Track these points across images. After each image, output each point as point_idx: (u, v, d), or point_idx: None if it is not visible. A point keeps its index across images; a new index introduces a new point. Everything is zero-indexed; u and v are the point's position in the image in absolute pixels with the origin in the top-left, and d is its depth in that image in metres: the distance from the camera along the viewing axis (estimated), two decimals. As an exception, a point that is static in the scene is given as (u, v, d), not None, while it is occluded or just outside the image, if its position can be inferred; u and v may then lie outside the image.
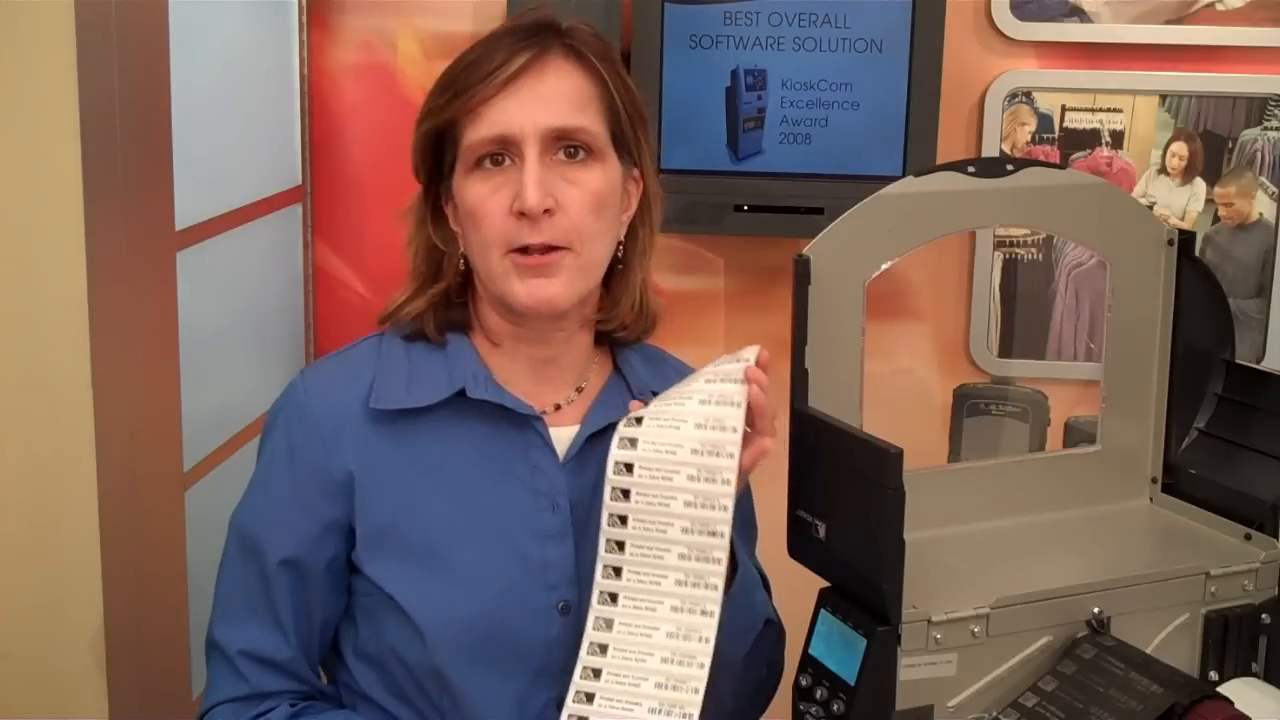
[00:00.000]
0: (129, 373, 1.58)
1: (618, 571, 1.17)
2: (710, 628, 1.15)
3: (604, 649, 1.16)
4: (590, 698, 1.15)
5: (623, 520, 1.17)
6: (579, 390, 1.32)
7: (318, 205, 2.32)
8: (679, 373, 1.37)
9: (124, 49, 1.54)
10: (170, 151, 1.69)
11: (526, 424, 1.27)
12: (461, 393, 1.26)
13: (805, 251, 1.26)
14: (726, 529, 1.15)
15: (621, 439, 1.17)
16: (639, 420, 1.18)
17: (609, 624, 1.17)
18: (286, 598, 1.26)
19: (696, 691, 1.14)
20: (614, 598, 1.17)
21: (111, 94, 1.52)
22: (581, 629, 1.21)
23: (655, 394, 1.26)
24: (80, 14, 1.44)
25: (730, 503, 1.15)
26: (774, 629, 1.38)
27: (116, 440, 1.55)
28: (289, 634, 1.26)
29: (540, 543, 1.26)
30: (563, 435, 1.29)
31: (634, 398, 1.29)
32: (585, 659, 1.17)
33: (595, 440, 1.28)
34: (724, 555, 1.15)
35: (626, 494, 1.16)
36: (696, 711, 1.14)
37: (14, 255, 1.48)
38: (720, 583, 1.15)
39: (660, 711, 1.14)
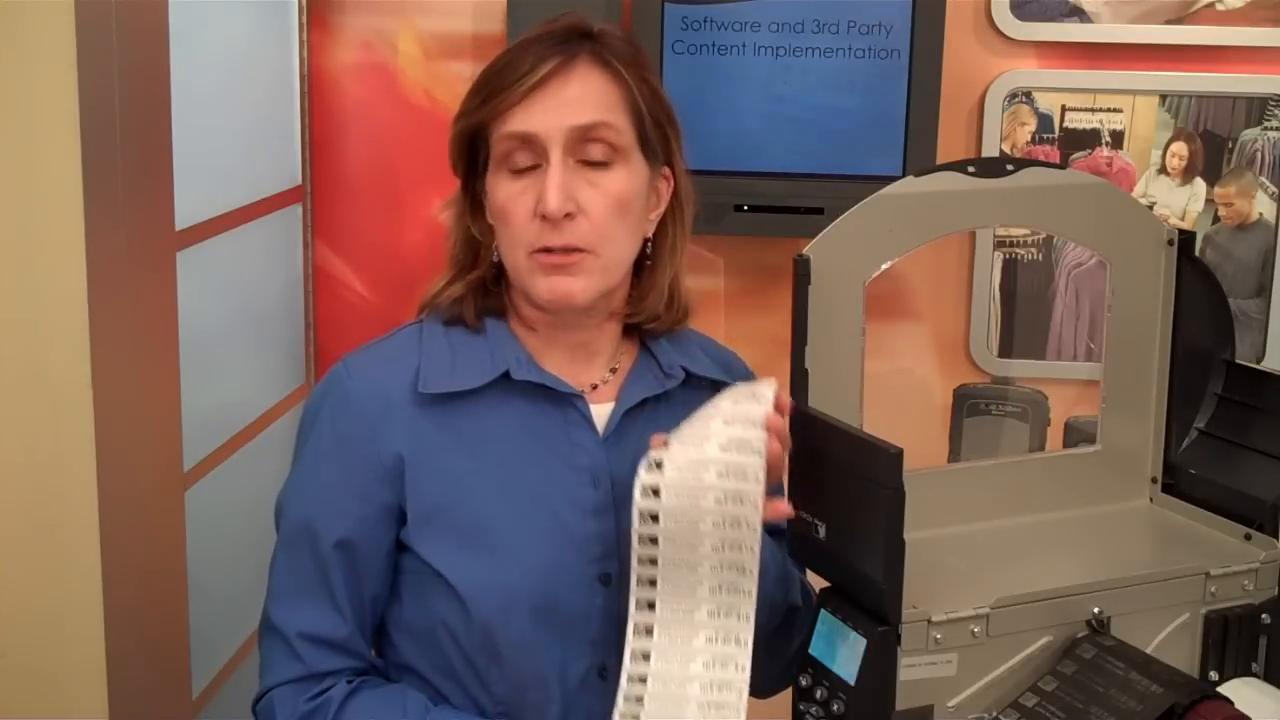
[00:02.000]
0: (129, 373, 1.58)
1: (651, 605, 1.19)
2: (745, 656, 1.18)
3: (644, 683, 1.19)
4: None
5: (653, 562, 1.18)
6: (612, 371, 1.36)
7: (318, 205, 2.32)
8: (703, 349, 1.41)
9: (124, 49, 1.53)
10: (170, 151, 1.69)
11: (567, 402, 1.31)
12: (505, 375, 1.30)
13: (805, 251, 1.26)
14: (754, 566, 1.16)
15: (643, 488, 1.17)
16: (659, 465, 1.17)
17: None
18: (341, 578, 1.29)
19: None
20: (650, 630, 1.19)
21: (111, 94, 1.52)
22: (622, 598, 1.26)
23: (687, 375, 1.34)
24: (80, 14, 1.44)
25: (756, 546, 1.16)
26: (801, 611, 1.39)
27: (116, 440, 1.55)
28: (345, 613, 1.29)
29: (583, 517, 1.29)
30: (600, 412, 1.33)
31: (664, 373, 1.35)
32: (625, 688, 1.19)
33: (632, 415, 1.33)
34: (753, 589, 1.17)
35: (655, 540, 1.17)
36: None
37: (14, 255, 1.48)
38: (751, 614, 1.17)
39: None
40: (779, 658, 1.37)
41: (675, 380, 1.35)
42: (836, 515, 1.21)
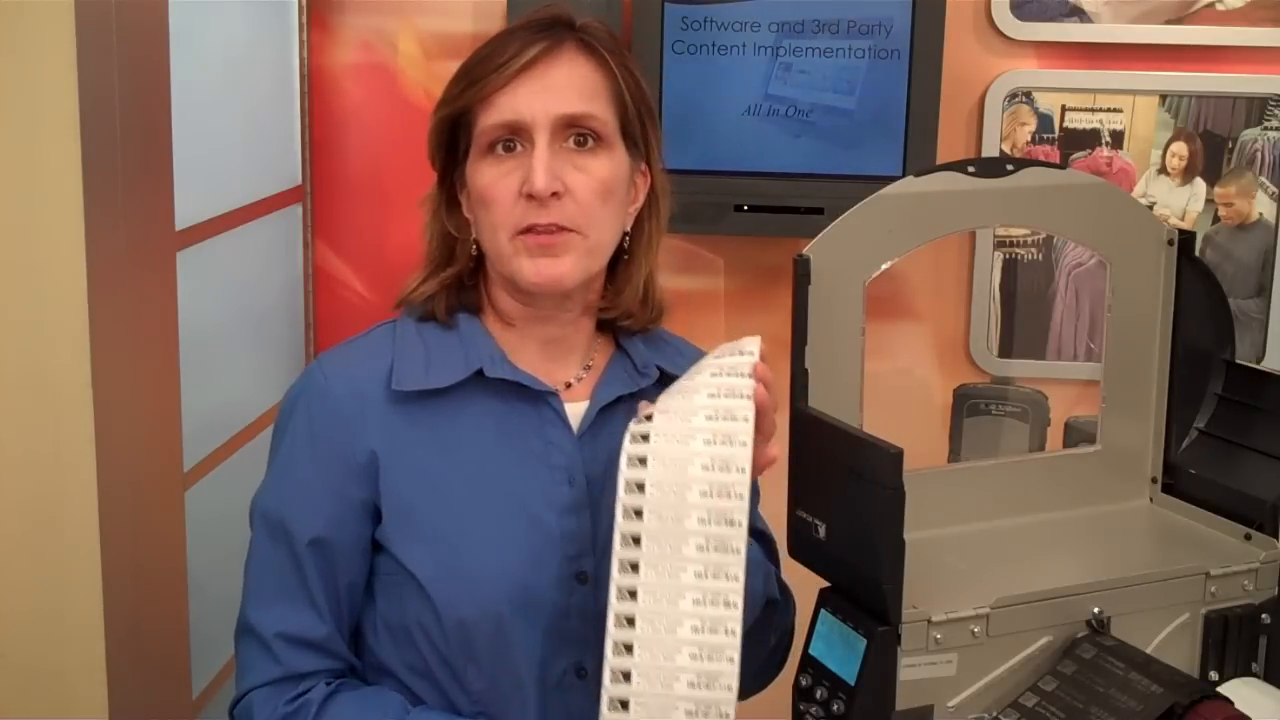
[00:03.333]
0: (129, 373, 1.58)
1: (635, 567, 1.15)
2: (735, 619, 1.13)
3: (629, 648, 1.15)
4: (625, 704, 1.13)
5: (638, 514, 1.16)
6: (586, 369, 1.36)
7: (318, 205, 2.32)
8: (678, 350, 1.41)
9: (124, 49, 1.54)
10: (170, 151, 1.69)
11: (542, 400, 1.31)
12: (479, 372, 1.29)
13: (805, 251, 1.26)
14: (744, 518, 1.14)
15: (633, 435, 1.17)
16: (649, 417, 1.18)
17: (630, 620, 1.15)
18: (317, 577, 1.28)
19: (730, 689, 1.13)
20: (634, 594, 1.15)
21: (111, 94, 1.52)
22: (599, 596, 1.25)
23: (661, 374, 1.33)
24: (80, 14, 1.44)
25: (746, 491, 1.14)
26: (778, 605, 1.39)
27: (116, 440, 1.55)
28: (323, 613, 1.28)
29: (559, 515, 1.29)
30: (574, 410, 1.32)
31: (639, 372, 1.35)
32: (611, 660, 1.14)
33: (606, 413, 1.32)
34: (742, 545, 1.14)
35: (641, 487, 1.15)
36: (733, 700, 1.13)
37: (14, 255, 1.48)
38: (741, 573, 1.14)
39: (695, 714, 1.13)
40: (756, 653, 1.34)
41: (649, 379, 1.35)
42: (836, 515, 1.21)
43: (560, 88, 1.26)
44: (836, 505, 1.21)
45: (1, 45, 1.44)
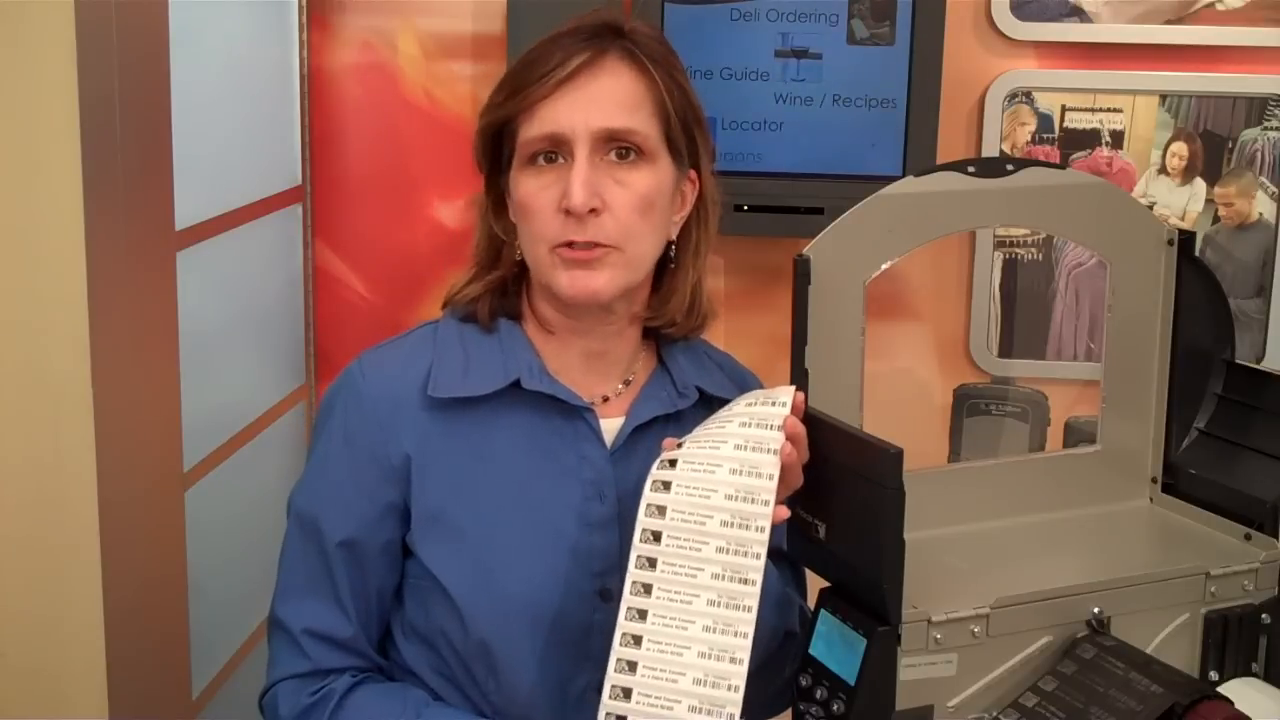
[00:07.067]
0: (129, 373, 1.59)
1: (643, 615, 1.15)
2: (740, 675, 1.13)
3: (628, 693, 1.15)
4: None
5: (651, 563, 1.15)
6: (626, 383, 1.35)
7: (318, 205, 2.32)
8: (720, 366, 1.40)
9: (124, 49, 1.54)
10: (170, 151, 1.69)
11: (577, 415, 1.30)
12: (516, 382, 1.29)
13: (805, 251, 1.26)
14: (758, 576, 1.14)
15: (655, 482, 1.16)
16: (672, 463, 1.17)
17: (633, 667, 1.15)
18: (345, 578, 1.29)
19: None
20: (638, 640, 1.15)
21: (111, 94, 1.52)
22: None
23: (701, 394, 1.33)
24: (80, 14, 1.44)
25: (763, 548, 1.14)
26: (798, 638, 1.37)
27: (116, 440, 1.55)
28: (350, 613, 1.29)
29: (587, 531, 1.29)
30: (610, 426, 1.32)
31: (678, 391, 1.34)
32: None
33: (641, 431, 1.32)
34: (754, 603, 1.14)
35: (658, 536, 1.15)
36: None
37: (14, 255, 1.48)
38: (750, 630, 1.14)
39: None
40: (770, 684, 1.34)
41: (688, 401, 1.34)
42: (836, 515, 1.21)
43: (601, 100, 1.24)
44: (836, 505, 1.21)
45: (1, 45, 1.44)
